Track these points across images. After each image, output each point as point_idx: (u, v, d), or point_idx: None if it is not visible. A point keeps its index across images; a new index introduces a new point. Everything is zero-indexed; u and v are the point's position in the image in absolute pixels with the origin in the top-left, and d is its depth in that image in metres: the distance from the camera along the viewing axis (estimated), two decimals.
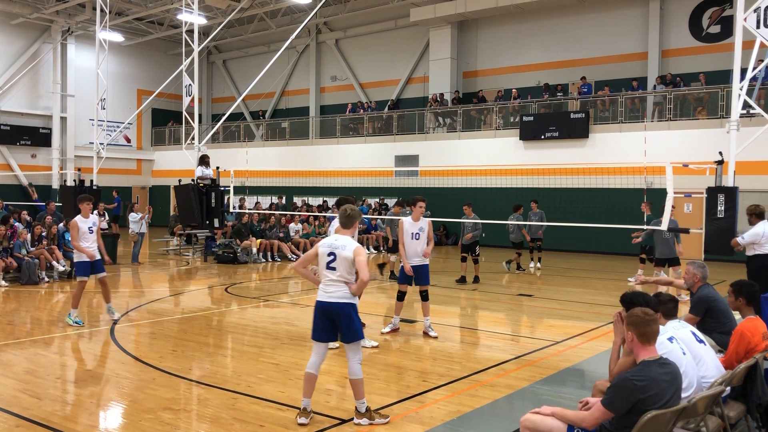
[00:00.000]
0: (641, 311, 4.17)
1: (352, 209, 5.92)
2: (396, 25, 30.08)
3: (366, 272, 5.53)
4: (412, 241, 9.13)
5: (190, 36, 20.78)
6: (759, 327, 5.36)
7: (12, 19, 29.85)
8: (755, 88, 13.89)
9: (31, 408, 5.91)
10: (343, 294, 5.58)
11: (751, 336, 5.23)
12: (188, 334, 9.15)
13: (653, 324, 4.11)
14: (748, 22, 10.71)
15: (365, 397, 5.67)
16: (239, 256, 18.22)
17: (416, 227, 9.17)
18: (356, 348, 5.63)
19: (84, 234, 9.66)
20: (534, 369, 7.51)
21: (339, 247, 5.62)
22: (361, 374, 5.63)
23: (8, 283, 13.49)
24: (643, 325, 4.09)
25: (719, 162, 10.98)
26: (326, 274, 5.64)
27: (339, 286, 5.59)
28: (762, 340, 5.28)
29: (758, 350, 5.18)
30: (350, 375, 5.63)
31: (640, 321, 4.11)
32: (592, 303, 12.27)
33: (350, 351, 5.63)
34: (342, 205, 7.32)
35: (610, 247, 21.44)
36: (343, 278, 5.59)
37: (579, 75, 24.75)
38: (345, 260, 5.57)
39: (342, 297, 5.58)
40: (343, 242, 5.65)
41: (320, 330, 5.68)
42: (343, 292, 5.59)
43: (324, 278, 5.67)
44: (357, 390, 5.61)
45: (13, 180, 30.87)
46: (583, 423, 4.07)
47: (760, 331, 5.32)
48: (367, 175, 25.18)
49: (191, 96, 20.76)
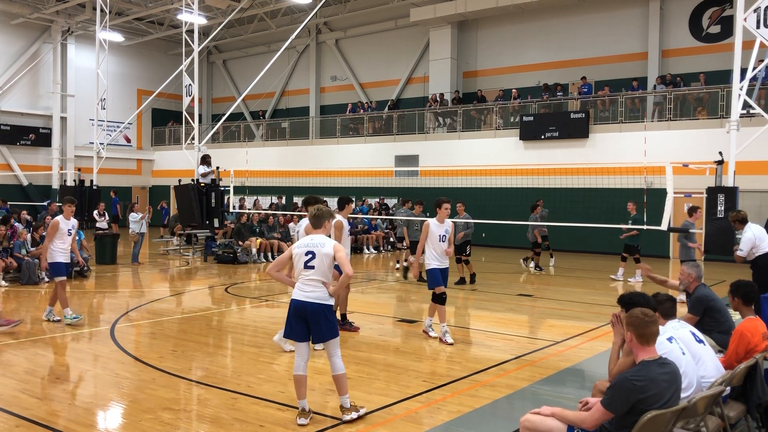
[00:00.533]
0: (641, 312, 4.16)
1: (319, 209, 5.86)
2: (396, 25, 30.08)
3: (349, 267, 5.57)
4: (440, 244, 8.82)
5: (190, 36, 20.79)
6: (759, 327, 5.36)
7: (12, 19, 29.85)
8: (755, 88, 13.90)
9: (31, 408, 5.91)
10: (320, 295, 5.56)
11: (750, 336, 5.23)
12: (188, 334, 9.15)
13: (652, 325, 4.11)
14: (748, 22, 10.72)
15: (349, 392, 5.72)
16: (239, 256, 18.22)
17: (442, 229, 8.88)
18: (335, 344, 5.65)
19: (62, 234, 9.70)
20: (534, 369, 7.51)
21: (317, 245, 5.60)
22: (344, 369, 5.66)
23: (8, 283, 13.49)
24: (643, 326, 4.09)
25: (719, 162, 10.99)
26: (304, 274, 5.59)
27: (316, 286, 5.57)
28: (762, 341, 5.28)
29: (758, 350, 5.18)
30: (333, 371, 5.64)
31: (639, 322, 4.10)
32: (592, 303, 12.27)
33: (331, 347, 5.64)
34: (310, 204, 7.35)
35: (610, 247, 21.38)
36: (321, 278, 5.57)
37: (579, 75, 24.75)
38: (326, 257, 5.56)
39: (318, 298, 5.55)
40: (320, 240, 5.65)
41: (296, 331, 5.63)
42: (320, 292, 5.56)
43: (301, 278, 5.62)
44: (341, 386, 5.64)
45: (13, 180, 30.88)
46: (583, 424, 4.07)
47: (759, 332, 5.32)
48: (367, 175, 25.18)
49: (191, 96, 20.78)
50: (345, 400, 5.64)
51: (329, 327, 5.58)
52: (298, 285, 5.64)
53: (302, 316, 5.56)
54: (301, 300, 5.56)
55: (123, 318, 10.26)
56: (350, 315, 9.86)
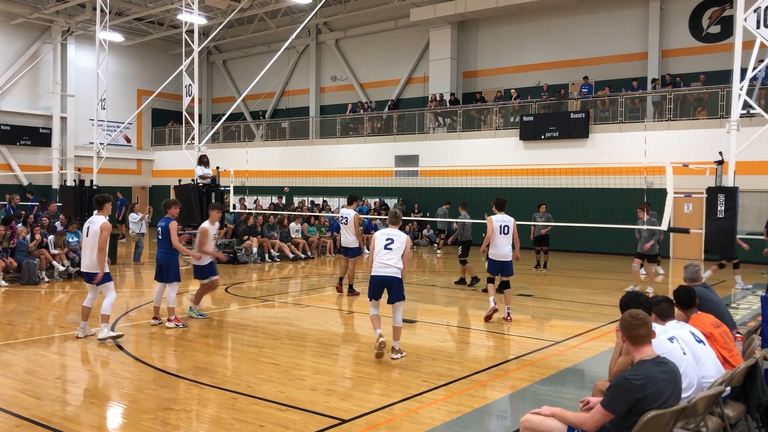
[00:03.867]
0: (628, 315, 4.23)
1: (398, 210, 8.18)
2: (396, 25, 30.08)
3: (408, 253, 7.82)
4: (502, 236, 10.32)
5: (190, 36, 20.79)
6: (704, 320, 5.40)
7: (12, 19, 29.85)
8: (755, 88, 13.88)
9: (31, 408, 5.91)
10: (396, 270, 7.64)
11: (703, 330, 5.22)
12: (188, 334, 9.15)
13: (640, 328, 4.14)
14: (748, 22, 10.71)
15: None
16: (239, 256, 18.22)
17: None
18: (400, 306, 7.82)
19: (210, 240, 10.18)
20: (534, 369, 7.51)
21: (395, 235, 7.70)
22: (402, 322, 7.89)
23: (8, 283, 13.49)
24: (630, 329, 4.16)
25: (719, 162, 10.97)
26: (384, 253, 7.62)
27: (394, 263, 7.61)
28: (715, 328, 5.32)
29: (718, 339, 5.20)
30: (395, 323, 7.81)
31: (627, 325, 4.18)
32: (592, 303, 12.28)
33: (396, 308, 7.81)
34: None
35: (610, 247, 21.44)
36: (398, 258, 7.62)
37: (579, 75, 24.75)
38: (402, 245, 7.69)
39: (395, 273, 7.65)
40: (397, 233, 7.74)
41: (375, 292, 7.80)
42: (395, 269, 7.63)
43: (383, 257, 7.63)
44: (397, 334, 7.82)
45: (13, 180, 30.88)
46: (584, 426, 4.07)
47: (708, 323, 5.34)
48: (367, 175, 25.16)
49: (191, 96, 20.77)
50: (395, 344, 7.78)
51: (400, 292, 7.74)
52: (379, 262, 7.67)
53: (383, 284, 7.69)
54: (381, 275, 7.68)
55: (123, 318, 10.26)
56: (351, 315, 10.34)
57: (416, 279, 15.38)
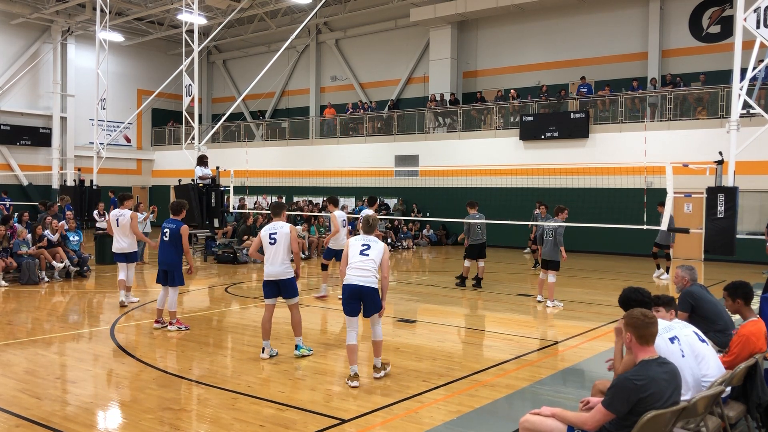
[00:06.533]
0: (640, 313, 4.17)
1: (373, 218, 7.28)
2: (396, 25, 30.08)
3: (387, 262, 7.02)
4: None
5: (190, 36, 20.79)
6: (761, 329, 5.35)
7: (12, 19, 29.85)
8: (755, 88, 13.90)
9: (31, 408, 5.91)
10: (372, 280, 6.85)
11: (756, 340, 5.20)
12: (188, 334, 9.14)
13: (652, 326, 4.11)
14: (748, 22, 10.71)
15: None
16: (239, 256, 18.22)
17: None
18: (378, 318, 7.04)
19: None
20: (534, 369, 7.51)
21: (372, 242, 7.03)
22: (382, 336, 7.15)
23: (8, 283, 13.48)
24: (642, 328, 4.10)
25: (719, 162, 10.97)
26: (360, 259, 6.88)
27: (372, 271, 6.87)
28: (766, 343, 5.28)
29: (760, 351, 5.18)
30: (374, 338, 7.07)
31: (639, 323, 4.11)
32: (592, 303, 12.28)
33: (374, 321, 7.03)
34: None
35: (610, 247, 21.45)
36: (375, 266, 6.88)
37: (579, 75, 24.74)
38: (380, 252, 6.91)
39: (371, 282, 6.84)
40: (373, 239, 7.07)
41: (350, 307, 6.90)
42: (372, 277, 6.86)
43: (358, 263, 6.88)
44: (377, 350, 7.09)
45: (14, 180, 30.88)
46: (584, 426, 4.06)
47: (762, 333, 5.31)
48: (367, 175, 25.17)
49: (191, 96, 20.78)
50: (377, 361, 7.08)
51: (377, 303, 6.93)
52: (354, 270, 6.90)
53: (358, 297, 6.87)
54: (356, 284, 6.85)
55: (123, 318, 10.26)
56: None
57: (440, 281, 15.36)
